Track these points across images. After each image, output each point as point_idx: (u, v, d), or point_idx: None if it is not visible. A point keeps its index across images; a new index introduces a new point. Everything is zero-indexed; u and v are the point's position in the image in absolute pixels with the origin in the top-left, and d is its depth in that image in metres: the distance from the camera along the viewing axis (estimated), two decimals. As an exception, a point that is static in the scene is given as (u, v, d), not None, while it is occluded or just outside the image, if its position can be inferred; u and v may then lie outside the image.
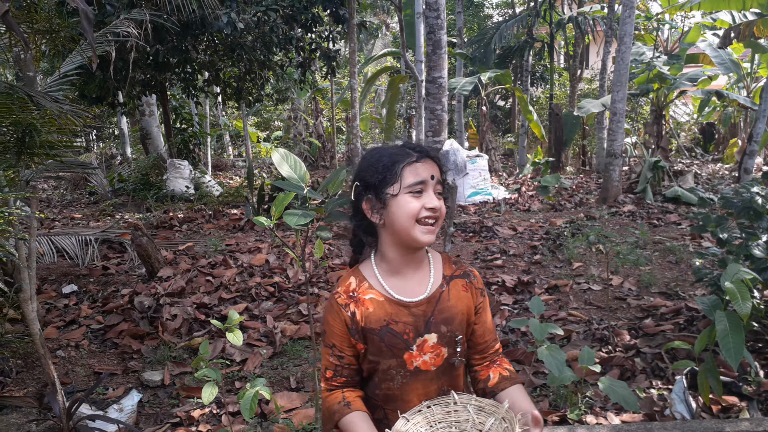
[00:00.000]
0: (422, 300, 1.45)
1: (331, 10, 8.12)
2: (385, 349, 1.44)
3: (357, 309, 1.45)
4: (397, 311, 1.44)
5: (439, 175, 1.44)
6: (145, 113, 12.07)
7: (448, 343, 1.46)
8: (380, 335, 1.43)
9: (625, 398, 2.61)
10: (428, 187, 1.41)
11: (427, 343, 1.44)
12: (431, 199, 1.40)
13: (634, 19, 8.37)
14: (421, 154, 1.43)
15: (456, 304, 1.48)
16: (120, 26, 4.66)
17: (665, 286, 4.80)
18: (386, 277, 1.47)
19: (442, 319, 1.45)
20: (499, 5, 22.26)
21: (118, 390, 3.53)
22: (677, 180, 9.41)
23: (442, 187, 1.44)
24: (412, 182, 1.39)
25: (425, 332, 1.44)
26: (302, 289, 4.91)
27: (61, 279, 5.42)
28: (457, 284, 1.50)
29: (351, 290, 1.47)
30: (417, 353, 1.44)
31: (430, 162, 1.43)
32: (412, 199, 1.39)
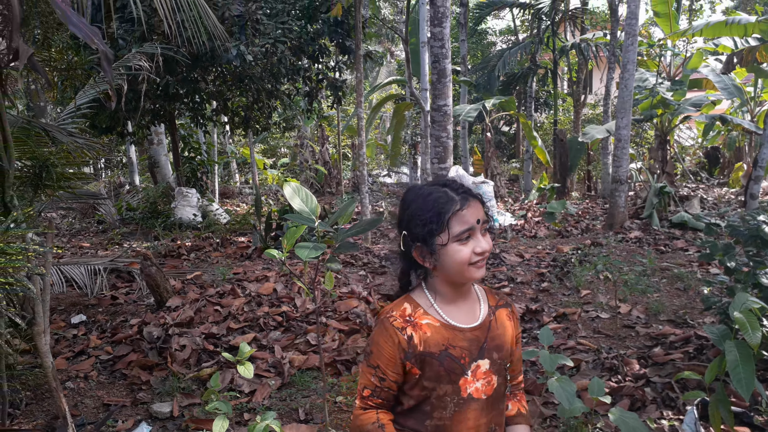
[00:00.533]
0: (476, 326, 1.49)
1: (338, 41, 8.27)
2: (444, 374, 1.44)
3: (415, 333, 1.45)
4: (453, 336, 1.46)
5: (484, 215, 1.46)
6: (154, 142, 12.22)
7: (498, 370, 1.49)
8: (440, 359, 1.43)
9: (636, 430, 2.60)
10: (476, 232, 1.44)
11: (480, 369, 1.46)
12: (479, 242, 1.44)
13: (637, 46, 8.47)
14: (465, 198, 1.44)
15: (504, 332, 1.53)
16: (132, 60, 4.77)
17: (674, 313, 4.79)
18: (441, 304, 1.50)
19: (494, 345, 1.49)
20: (503, 32, 22.54)
21: (127, 422, 3.53)
22: (683, 205, 9.42)
23: (488, 224, 1.48)
24: (459, 231, 1.41)
25: (479, 357, 1.46)
26: (310, 318, 4.92)
27: (70, 309, 5.44)
28: (502, 313, 1.55)
29: (407, 315, 1.48)
30: (471, 379, 1.45)
31: (474, 204, 1.45)
32: (461, 246, 1.42)
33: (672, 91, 10.35)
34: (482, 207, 1.47)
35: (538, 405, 3.29)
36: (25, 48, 2.75)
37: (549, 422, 3.30)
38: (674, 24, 11.94)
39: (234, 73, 8.37)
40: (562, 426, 3.23)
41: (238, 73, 8.24)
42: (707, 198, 11.91)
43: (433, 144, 8.21)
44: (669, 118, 10.65)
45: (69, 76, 3.89)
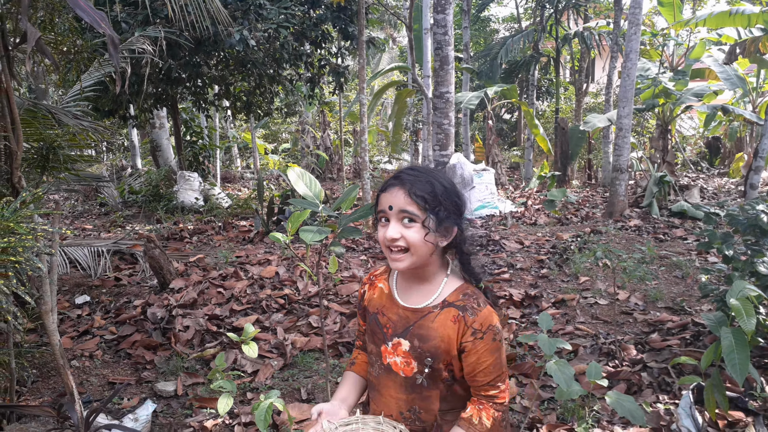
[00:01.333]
0: (412, 308, 1.53)
1: (341, 27, 8.25)
2: (370, 333, 1.61)
3: (368, 290, 1.67)
4: (389, 306, 1.57)
5: (405, 205, 1.41)
6: (156, 126, 12.23)
7: (418, 358, 1.49)
8: (371, 318, 1.61)
9: (632, 412, 2.66)
10: (390, 217, 1.44)
11: (400, 347, 1.52)
12: (389, 229, 1.43)
13: (640, 35, 8.46)
14: (392, 182, 1.46)
15: (437, 328, 1.48)
16: (135, 43, 4.78)
17: (672, 301, 4.84)
18: (401, 279, 1.61)
19: (418, 334, 1.49)
20: (506, 20, 22.44)
21: (132, 400, 3.59)
22: (683, 194, 9.45)
23: (413, 216, 1.42)
24: (377, 210, 1.49)
25: (402, 335, 1.52)
26: (312, 301, 4.98)
27: (74, 290, 5.50)
28: (449, 312, 1.49)
29: (375, 275, 1.68)
30: (391, 351, 1.53)
31: (393, 192, 1.44)
32: (380, 227, 1.48)
33: (674, 80, 10.34)
34: (406, 196, 1.41)
35: (536, 388, 3.35)
36: (33, 30, 2.77)
37: (547, 405, 3.36)
38: (678, 13, 11.90)
39: (236, 57, 8.37)
40: (559, 408, 3.29)
41: (240, 58, 8.24)
42: (707, 188, 11.94)
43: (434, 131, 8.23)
44: (671, 108, 10.65)
45: (74, 59, 3.90)
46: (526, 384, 3.59)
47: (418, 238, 1.42)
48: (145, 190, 10.91)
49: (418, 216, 1.41)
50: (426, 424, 1.53)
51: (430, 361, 1.48)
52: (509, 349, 4.04)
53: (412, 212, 1.41)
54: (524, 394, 3.46)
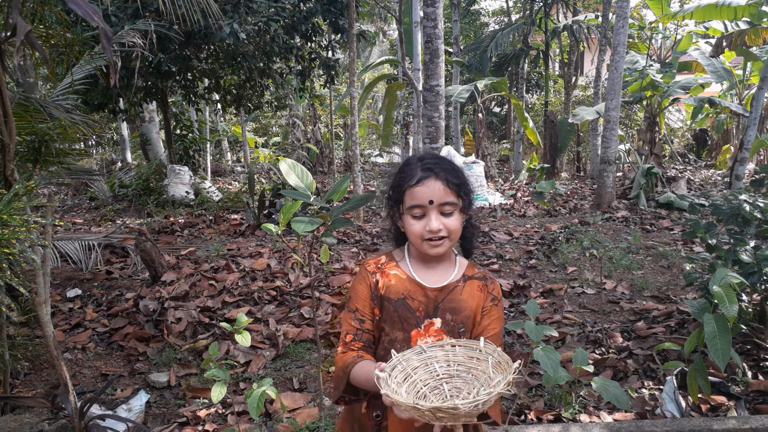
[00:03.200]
0: (438, 287, 1.57)
1: (331, 21, 8.25)
2: (397, 320, 1.56)
3: (381, 278, 1.59)
4: (415, 290, 1.57)
5: (445, 196, 1.48)
6: (146, 119, 12.18)
7: (451, 332, 1.55)
8: (395, 305, 1.55)
9: (618, 398, 2.73)
10: (428, 211, 1.49)
11: (432, 327, 1.54)
12: (431, 221, 1.48)
13: (628, 28, 8.53)
14: (424, 176, 1.49)
15: (467, 299, 1.57)
16: (126, 37, 4.78)
17: (657, 290, 4.93)
18: (413, 262, 1.62)
19: (450, 308, 1.55)
20: (495, 13, 22.48)
21: (126, 391, 3.63)
22: (670, 186, 9.56)
23: (453, 206, 1.50)
24: (409, 205, 1.51)
25: (434, 315, 1.55)
26: (304, 292, 5.02)
27: (65, 283, 5.51)
28: (473, 284, 1.59)
29: (380, 263, 1.63)
30: (423, 333, 1.54)
31: (431, 184, 1.48)
32: (414, 221, 1.51)
33: (661, 73, 10.43)
34: (445, 186, 1.48)
35: (524, 375, 3.42)
36: (23, 23, 2.78)
37: (535, 391, 3.43)
38: (665, 6, 11.99)
39: (227, 51, 8.35)
40: (547, 395, 3.36)
41: (230, 52, 8.22)
42: (694, 179, 12.08)
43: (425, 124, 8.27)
44: (658, 100, 10.75)
45: (64, 52, 3.91)
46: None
47: (457, 225, 1.52)
48: (135, 184, 10.88)
49: (457, 204, 1.51)
50: None
51: (463, 331, 1.55)
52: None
53: (453, 202, 1.50)
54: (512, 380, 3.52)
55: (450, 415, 1.15)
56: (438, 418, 1.17)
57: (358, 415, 1.65)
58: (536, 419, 3.09)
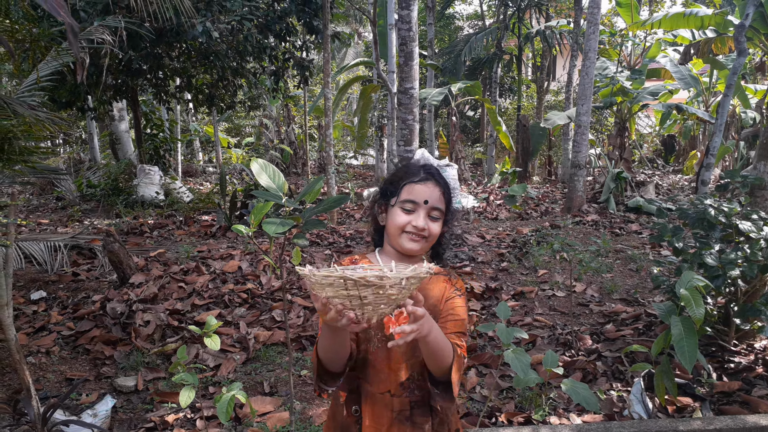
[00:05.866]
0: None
1: (305, 21, 8.22)
2: None
3: None
4: None
5: (438, 203, 1.59)
6: (115, 118, 11.96)
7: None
8: None
9: (587, 399, 2.76)
10: (419, 209, 1.58)
11: (402, 315, 1.56)
12: (418, 219, 1.58)
13: (598, 34, 8.67)
14: (426, 177, 1.62)
15: (433, 288, 1.63)
16: (95, 33, 4.69)
17: (626, 292, 5.01)
18: (385, 260, 1.67)
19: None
20: (470, 17, 22.65)
21: (91, 396, 3.54)
22: (639, 190, 9.73)
23: (441, 213, 1.61)
24: (404, 199, 1.60)
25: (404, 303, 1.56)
26: (275, 295, 4.97)
27: (29, 285, 5.37)
28: (438, 279, 1.66)
29: (354, 259, 1.71)
30: (393, 320, 1.56)
31: (430, 186, 1.60)
32: (402, 213, 1.59)
33: (631, 79, 10.63)
34: (441, 195, 1.61)
35: (495, 377, 3.44)
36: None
37: (505, 394, 3.45)
38: (635, 14, 12.22)
39: (199, 49, 8.25)
40: (518, 397, 3.38)
41: (203, 50, 8.13)
42: (662, 184, 12.32)
43: (399, 126, 8.28)
44: (628, 106, 10.95)
45: (30, 47, 3.81)
46: (485, 374, 3.67)
47: (438, 231, 1.62)
48: (103, 184, 10.67)
49: (444, 214, 1.63)
50: (423, 392, 1.59)
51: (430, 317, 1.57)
52: (470, 340, 4.12)
53: (442, 209, 1.61)
54: (484, 383, 3.54)
55: (374, 293, 1.14)
56: (361, 300, 1.16)
57: (340, 419, 1.67)
58: (507, 421, 3.11)
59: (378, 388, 1.60)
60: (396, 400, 1.59)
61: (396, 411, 1.58)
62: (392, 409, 1.59)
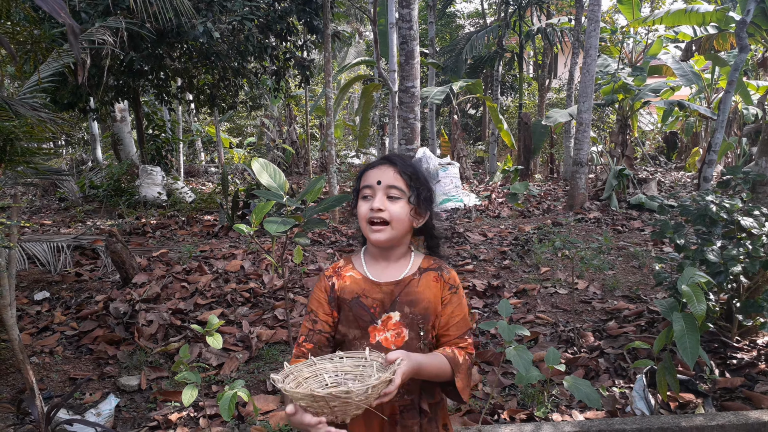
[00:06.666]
0: (393, 281, 1.61)
1: (306, 20, 8.22)
2: (353, 319, 1.60)
3: (337, 281, 1.66)
4: (369, 288, 1.61)
5: (393, 181, 1.55)
6: (117, 119, 11.99)
7: (410, 324, 1.57)
8: (350, 305, 1.60)
9: (589, 396, 2.76)
10: (375, 192, 1.55)
11: (390, 321, 1.57)
12: (375, 201, 1.54)
13: (599, 32, 8.66)
14: (380, 161, 1.60)
15: (424, 291, 1.59)
16: (96, 34, 4.69)
17: (628, 289, 5.00)
18: (369, 262, 1.67)
19: (407, 300, 1.58)
20: (471, 15, 22.62)
21: (95, 395, 3.56)
22: (641, 187, 9.71)
23: (400, 192, 1.55)
24: (361, 186, 1.59)
25: (390, 310, 1.58)
26: (278, 294, 4.98)
27: (33, 286, 5.39)
28: (429, 275, 1.62)
29: (337, 267, 1.70)
30: (381, 328, 1.57)
31: (385, 167, 1.57)
32: (362, 202, 1.58)
33: (633, 76, 10.61)
34: (397, 173, 1.55)
35: (498, 374, 3.44)
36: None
37: (507, 391, 3.45)
38: (636, 11, 12.20)
39: (200, 50, 8.26)
40: (520, 394, 3.38)
41: (204, 51, 8.13)
42: (664, 181, 12.31)
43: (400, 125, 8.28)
44: (630, 103, 10.93)
45: (31, 49, 3.82)
46: (488, 371, 3.68)
47: (402, 212, 1.55)
48: (106, 185, 10.69)
49: (405, 192, 1.56)
50: (413, 396, 1.59)
51: (422, 324, 1.57)
52: (472, 337, 4.13)
53: (400, 187, 1.55)
54: (486, 381, 3.55)
55: (343, 402, 1.22)
56: (331, 408, 1.24)
57: None
58: (509, 418, 3.11)
59: None
60: (386, 405, 1.55)
61: (386, 415, 1.58)
62: (381, 413, 1.57)
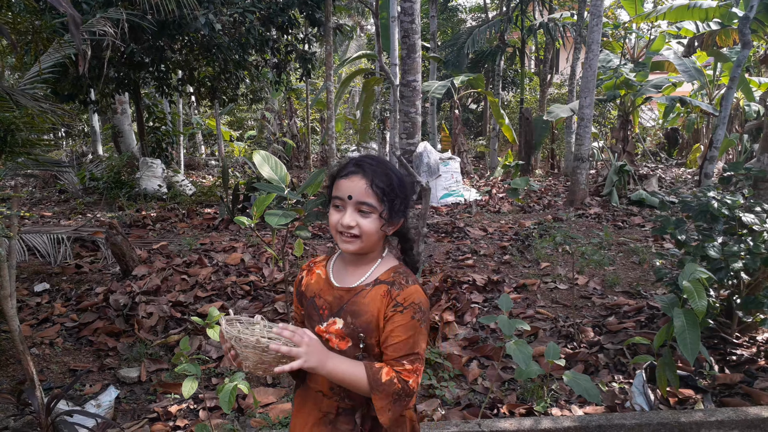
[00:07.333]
0: (345, 287, 1.57)
1: (307, 13, 8.19)
2: (307, 317, 1.63)
3: (306, 276, 1.68)
4: (325, 289, 1.60)
5: (364, 196, 1.46)
6: (118, 111, 11.95)
7: (351, 335, 1.52)
8: (308, 303, 1.63)
9: (588, 391, 2.76)
10: (347, 205, 1.49)
11: (334, 326, 1.55)
12: (345, 216, 1.48)
13: (602, 27, 8.63)
14: (353, 170, 1.50)
15: (369, 303, 1.51)
16: (96, 25, 4.68)
17: (628, 285, 5.00)
18: (338, 263, 1.65)
19: (351, 310, 1.53)
20: (473, 10, 22.54)
21: (95, 386, 3.56)
22: (642, 183, 9.71)
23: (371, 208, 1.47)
24: (333, 196, 1.53)
25: (336, 315, 1.55)
26: (278, 287, 4.98)
27: (33, 277, 5.38)
28: (380, 288, 1.52)
29: (314, 262, 1.70)
30: (325, 329, 1.56)
31: (356, 179, 1.47)
32: (334, 211, 1.52)
33: (635, 72, 10.57)
34: (368, 187, 1.46)
35: (497, 369, 3.44)
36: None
37: (507, 385, 3.45)
38: (639, 6, 12.15)
39: (201, 42, 8.23)
40: (519, 389, 3.39)
41: (205, 43, 8.11)
42: (665, 177, 12.29)
43: (401, 119, 8.27)
44: (631, 99, 10.90)
45: (32, 40, 3.80)
46: (487, 366, 3.68)
47: (373, 228, 1.48)
48: (106, 177, 10.67)
49: (376, 208, 1.47)
50: (355, 402, 1.55)
51: (363, 336, 1.51)
52: (472, 332, 4.13)
53: (371, 204, 1.47)
54: (485, 375, 3.55)
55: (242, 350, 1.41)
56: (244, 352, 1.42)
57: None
58: (508, 413, 3.11)
59: (314, 384, 1.60)
60: (326, 401, 1.57)
61: (323, 412, 1.57)
62: (320, 408, 1.58)
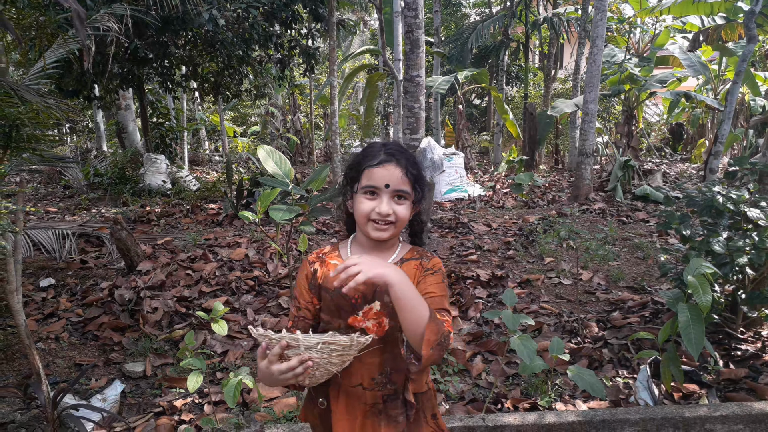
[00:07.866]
0: None
1: (311, 8, 8.18)
2: (334, 309, 1.58)
3: (320, 268, 1.63)
4: None
5: (401, 184, 1.51)
6: (122, 107, 11.98)
7: (391, 314, 1.51)
8: (332, 294, 1.58)
9: (593, 386, 2.76)
10: (382, 194, 1.51)
11: (372, 310, 1.54)
12: (382, 205, 1.50)
13: (606, 21, 8.59)
14: (385, 159, 1.52)
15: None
16: (100, 21, 4.68)
17: (633, 280, 4.99)
18: (355, 250, 1.64)
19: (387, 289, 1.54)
20: (476, 5, 22.47)
21: (100, 381, 3.58)
22: (647, 179, 9.68)
23: (406, 195, 1.52)
24: (365, 185, 1.53)
25: (372, 299, 1.55)
26: (282, 282, 4.99)
27: (38, 272, 5.41)
28: (410, 265, 1.58)
29: (322, 254, 1.67)
30: (362, 318, 1.54)
31: (392, 168, 1.51)
32: (365, 200, 1.52)
33: (640, 67, 10.54)
34: (403, 175, 1.51)
35: (501, 364, 3.45)
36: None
37: (511, 380, 3.46)
38: (644, 1, 12.09)
39: (205, 37, 8.24)
40: (523, 384, 3.39)
41: (209, 38, 8.11)
42: (670, 173, 12.26)
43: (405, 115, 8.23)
44: (636, 94, 10.86)
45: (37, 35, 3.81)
46: (491, 360, 3.68)
47: (407, 214, 1.54)
48: (110, 173, 10.71)
49: (410, 194, 1.53)
50: (396, 386, 1.58)
51: None
52: (476, 327, 4.13)
53: (407, 191, 1.52)
54: (490, 370, 3.55)
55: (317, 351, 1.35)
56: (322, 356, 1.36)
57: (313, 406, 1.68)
58: (513, 408, 3.12)
59: (349, 382, 1.58)
60: (368, 393, 1.57)
61: (369, 404, 1.57)
62: (365, 401, 1.57)
